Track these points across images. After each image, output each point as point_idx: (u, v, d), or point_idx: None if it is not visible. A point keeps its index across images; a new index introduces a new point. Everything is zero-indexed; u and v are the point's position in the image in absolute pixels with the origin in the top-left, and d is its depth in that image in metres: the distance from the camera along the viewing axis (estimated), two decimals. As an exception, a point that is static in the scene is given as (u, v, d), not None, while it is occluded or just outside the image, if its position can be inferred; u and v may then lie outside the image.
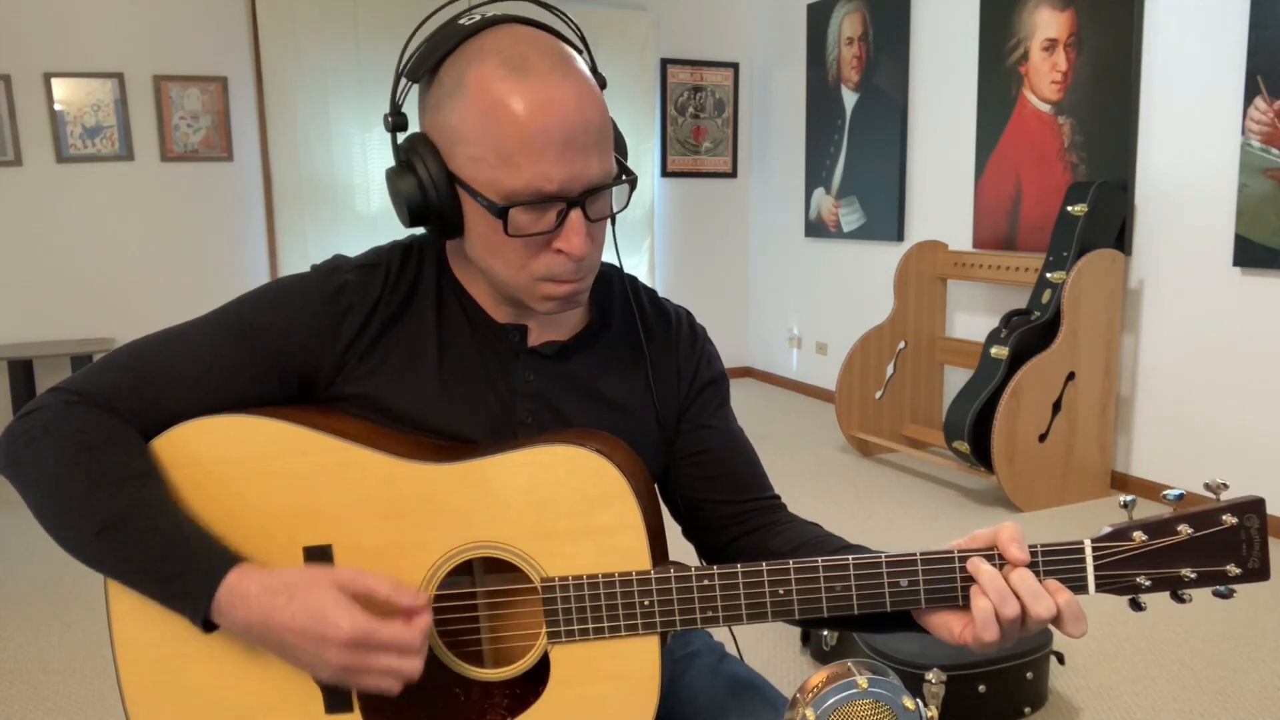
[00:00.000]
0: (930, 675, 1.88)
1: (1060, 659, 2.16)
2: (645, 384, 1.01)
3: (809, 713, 0.83)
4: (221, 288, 4.59)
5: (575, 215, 0.84)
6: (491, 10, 0.86)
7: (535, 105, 0.80)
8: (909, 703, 0.84)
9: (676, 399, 1.04)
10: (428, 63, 0.85)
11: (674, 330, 1.05)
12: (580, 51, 0.88)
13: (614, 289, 1.04)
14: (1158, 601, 2.63)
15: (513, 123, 0.80)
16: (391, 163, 0.90)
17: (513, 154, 0.80)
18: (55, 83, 4.30)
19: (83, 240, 4.45)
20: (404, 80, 0.88)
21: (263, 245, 4.79)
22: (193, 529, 0.84)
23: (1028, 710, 2.09)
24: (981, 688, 2.01)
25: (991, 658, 2.00)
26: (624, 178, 0.89)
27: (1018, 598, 0.79)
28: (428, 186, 0.85)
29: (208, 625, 0.82)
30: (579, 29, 0.90)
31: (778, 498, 1.06)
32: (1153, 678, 2.30)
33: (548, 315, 0.96)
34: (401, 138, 0.89)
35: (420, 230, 1.00)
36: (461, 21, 0.85)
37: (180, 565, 0.81)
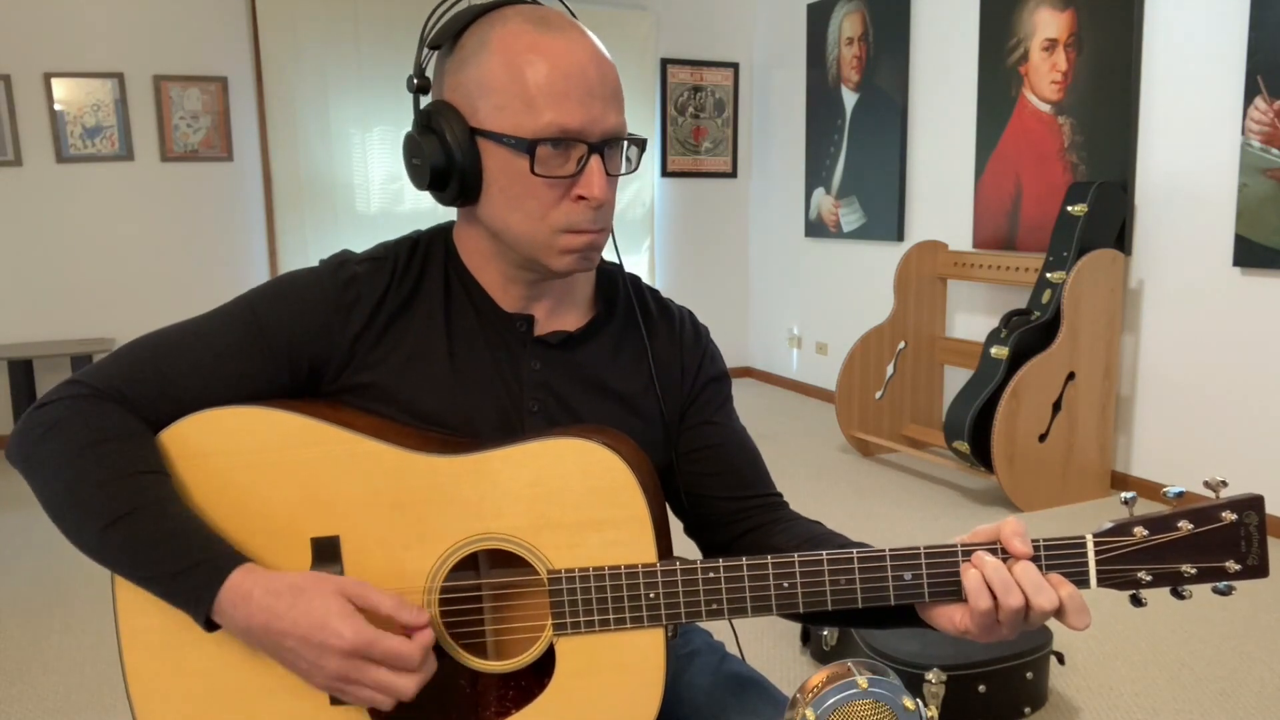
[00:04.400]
0: (930, 675, 1.88)
1: (1060, 659, 2.15)
2: (649, 379, 1.02)
3: (809, 713, 0.83)
4: (221, 288, 4.59)
5: (595, 161, 0.88)
6: None
7: (558, 52, 0.86)
8: (909, 703, 0.84)
9: (680, 395, 1.04)
10: (449, 31, 0.90)
11: (677, 328, 1.06)
12: None
13: (618, 285, 1.05)
14: (1158, 602, 2.63)
15: (537, 66, 0.85)
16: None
17: (537, 96, 0.85)
18: (55, 83, 4.30)
19: (83, 240, 4.45)
20: (426, 50, 0.92)
21: (263, 245, 4.79)
22: (199, 526, 0.84)
23: (1028, 710, 2.09)
24: (981, 688, 2.01)
25: (991, 658, 2.00)
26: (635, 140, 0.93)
27: (1021, 590, 0.80)
28: (451, 145, 0.88)
29: (210, 625, 0.82)
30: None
31: (780, 496, 1.06)
32: (1153, 678, 2.31)
33: (564, 274, 0.94)
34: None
35: (425, 229, 1.01)
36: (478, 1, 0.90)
37: (185, 563, 0.81)
